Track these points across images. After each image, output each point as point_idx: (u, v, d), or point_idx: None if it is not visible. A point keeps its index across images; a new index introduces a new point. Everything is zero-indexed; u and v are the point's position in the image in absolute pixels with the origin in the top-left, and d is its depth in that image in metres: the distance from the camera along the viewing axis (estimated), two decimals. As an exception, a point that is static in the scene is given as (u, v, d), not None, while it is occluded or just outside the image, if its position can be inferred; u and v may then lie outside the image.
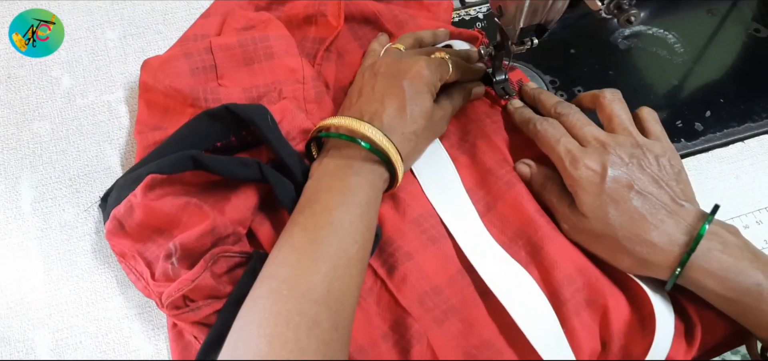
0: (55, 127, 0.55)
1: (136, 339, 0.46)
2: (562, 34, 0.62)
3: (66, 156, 0.53)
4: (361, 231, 0.42)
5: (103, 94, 0.57)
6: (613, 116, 0.48)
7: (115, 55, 0.59)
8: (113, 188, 0.47)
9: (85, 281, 0.47)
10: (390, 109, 0.46)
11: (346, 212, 0.42)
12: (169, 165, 0.44)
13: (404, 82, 0.47)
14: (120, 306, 0.47)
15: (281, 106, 0.49)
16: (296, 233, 0.41)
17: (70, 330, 0.46)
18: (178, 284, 0.41)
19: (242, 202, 0.46)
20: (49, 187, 0.52)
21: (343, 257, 0.40)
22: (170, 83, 0.51)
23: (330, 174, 0.44)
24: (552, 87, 0.58)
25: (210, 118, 0.47)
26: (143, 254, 0.44)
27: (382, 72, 0.49)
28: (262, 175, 0.45)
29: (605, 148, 0.46)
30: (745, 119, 0.57)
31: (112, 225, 0.44)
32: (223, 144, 0.48)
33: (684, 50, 0.61)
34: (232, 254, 0.43)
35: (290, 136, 0.48)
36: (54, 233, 0.49)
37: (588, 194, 0.45)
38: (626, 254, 0.44)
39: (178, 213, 0.43)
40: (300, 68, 0.53)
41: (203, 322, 0.43)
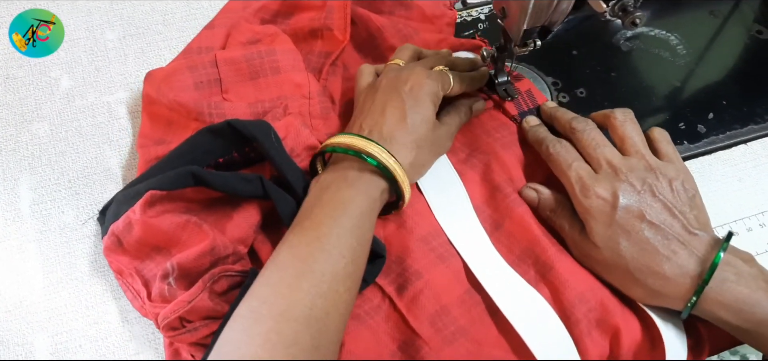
0: (54, 129, 0.54)
1: (136, 343, 0.45)
2: (564, 35, 0.61)
3: (65, 158, 0.53)
4: (350, 245, 0.41)
5: (103, 96, 0.56)
6: (625, 138, 0.47)
7: (115, 55, 0.59)
8: (112, 201, 0.46)
9: (85, 284, 0.47)
10: (390, 120, 0.46)
11: (335, 225, 0.41)
12: (169, 181, 0.43)
13: (404, 91, 0.47)
14: (120, 310, 0.46)
15: (286, 122, 0.49)
16: (283, 250, 0.40)
17: (70, 334, 0.45)
18: (175, 305, 0.41)
19: (244, 220, 0.45)
20: (48, 189, 0.51)
21: (328, 274, 0.39)
22: (174, 97, 0.51)
23: (324, 188, 0.44)
24: (554, 88, 0.58)
25: (212, 133, 0.47)
26: (141, 271, 0.44)
27: (383, 86, 0.48)
28: (264, 191, 0.44)
29: (617, 175, 0.45)
30: (748, 121, 0.57)
31: (110, 241, 0.44)
32: (225, 160, 0.47)
33: (686, 52, 0.61)
34: (233, 274, 0.43)
35: (294, 153, 0.48)
36: (53, 235, 0.49)
37: (598, 223, 0.44)
38: (638, 286, 0.43)
39: (176, 231, 0.43)
40: (306, 83, 0.53)
41: (201, 342, 0.42)
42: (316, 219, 0.41)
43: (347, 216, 0.41)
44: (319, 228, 0.40)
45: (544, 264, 0.46)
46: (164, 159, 0.47)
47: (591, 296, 0.45)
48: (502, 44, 0.52)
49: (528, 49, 0.48)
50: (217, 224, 0.45)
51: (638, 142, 0.47)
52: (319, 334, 0.37)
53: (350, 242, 0.41)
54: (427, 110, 0.47)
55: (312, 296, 0.38)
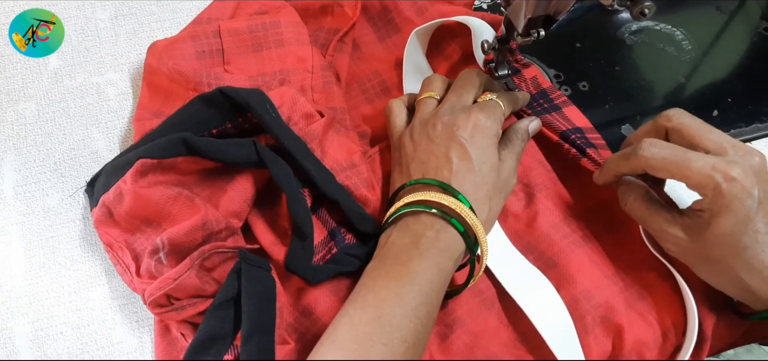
0: (41, 109, 0.53)
1: (120, 331, 0.44)
2: (567, 27, 0.60)
3: (51, 139, 0.51)
4: (413, 328, 0.37)
5: (92, 76, 0.55)
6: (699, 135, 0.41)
7: (106, 35, 0.57)
8: (101, 173, 0.45)
9: (68, 269, 0.46)
10: (458, 172, 0.42)
11: (400, 305, 0.37)
12: (159, 149, 0.42)
13: (464, 138, 0.43)
14: (103, 296, 0.45)
15: (280, 91, 0.47)
16: (341, 326, 0.37)
17: (51, 320, 0.44)
18: (160, 281, 0.39)
19: (238, 193, 0.44)
20: (33, 170, 0.50)
21: (386, 358, 0.36)
22: (174, 65, 0.49)
23: (393, 256, 0.40)
24: (556, 81, 0.57)
25: (204, 102, 0.45)
26: (131, 245, 0.42)
27: (437, 132, 0.44)
28: (258, 157, 0.43)
29: (748, 160, 0.39)
30: (753, 120, 0.56)
31: (100, 212, 0.42)
32: (219, 131, 0.45)
33: (691, 47, 0.60)
34: (225, 250, 0.41)
35: (292, 122, 0.46)
36: (36, 218, 0.48)
37: (732, 214, 0.38)
38: (736, 285, 0.40)
39: (167, 204, 0.41)
40: (309, 57, 0.51)
41: (190, 320, 0.41)
42: (379, 294, 0.38)
43: (414, 295, 0.38)
44: (381, 306, 0.37)
45: (548, 260, 0.45)
46: (155, 130, 0.46)
47: (596, 293, 0.44)
48: (503, 36, 0.50)
49: (531, 39, 0.47)
50: (210, 198, 0.43)
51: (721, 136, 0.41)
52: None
53: (414, 325, 0.37)
54: (493, 156, 0.44)
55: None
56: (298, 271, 0.42)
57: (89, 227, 0.47)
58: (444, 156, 0.43)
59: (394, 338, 0.36)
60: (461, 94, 0.47)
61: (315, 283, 0.43)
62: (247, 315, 0.38)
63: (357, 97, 0.55)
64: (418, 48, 0.56)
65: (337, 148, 0.47)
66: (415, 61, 0.56)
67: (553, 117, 0.51)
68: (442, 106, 0.46)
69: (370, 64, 0.56)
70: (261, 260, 0.42)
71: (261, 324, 0.39)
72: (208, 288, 0.40)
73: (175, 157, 0.42)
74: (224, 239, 0.42)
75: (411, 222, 0.41)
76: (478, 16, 0.55)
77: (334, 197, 0.44)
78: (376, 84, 0.56)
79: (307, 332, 0.43)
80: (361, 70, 0.56)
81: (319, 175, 0.44)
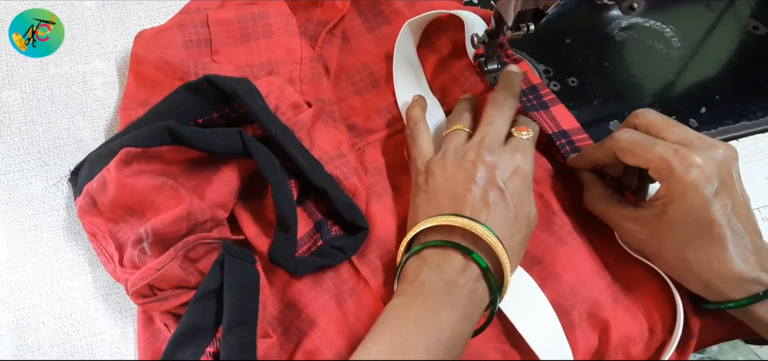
0: (26, 97, 0.52)
1: (102, 321, 0.43)
2: (557, 22, 0.60)
3: (36, 127, 0.51)
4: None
5: (78, 65, 0.54)
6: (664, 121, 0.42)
7: (93, 23, 0.56)
8: (85, 161, 0.44)
9: (51, 258, 0.45)
10: (495, 215, 0.40)
11: (427, 354, 0.36)
12: (143, 138, 0.41)
13: (503, 182, 0.41)
14: (86, 286, 0.44)
15: (267, 81, 0.46)
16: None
17: (33, 309, 0.43)
18: (143, 271, 0.39)
19: (224, 184, 0.43)
20: (17, 158, 0.49)
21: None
22: (161, 54, 0.49)
23: (423, 298, 0.38)
24: (546, 76, 0.57)
25: (190, 91, 0.45)
26: (115, 235, 0.42)
27: (478, 171, 0.42)
28: (243, 146, 0.42)
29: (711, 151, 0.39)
30: (741, 117, 0.56)
31: (84, 201, 0.42)
32: (205, 121, 0.45)
33: (681, 44, 0.60)
34: (210, 241, 0.41)
35: (280, 111, 0.46)
36: (20, 207, 0.47)
37: (688, 200, 0.39)
38: (690, 277, 0.41)
39: (151, 194, 0.41)
40: (298, 48, 0.51)
41: (173, 312, 0.41)
42: (407, 339, 0.36)
43: (442, 346, 0.37)
44: (408, 354, 0.36)
45: (533, 257, 0.45)
46: (141, 118, 0.45)
47: (582, 288, 0.44)
48: (493, 30, 0.50)
49: (521, 34, 0.46)
50: (195, 189, 0.43)
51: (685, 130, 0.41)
52: None
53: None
54: (529, 203, 0.42)
55: None
56: (281, 263, 0.41)
57: (73, 217, 0.47)
58: (482, 198, 0.41)
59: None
60: (498, 127, 0.45)
61: (298, 275, 0.42)
62: (228, 307, 0.38)
63: (346, 89, 0.55)
64: (409, 40, 0.56)
65: (326, 139, 0.47)
66: (405, 53, 0.55)
67: (541, 116, 0.51)
68: (483, 141, 0.44)
69: (359, 57, 0.56)
70: (245, 251, 0.41)
71: (243, 317, 0.38)
72: (192, 279, 0.40)
73: (160, 146, 0.42)
74: (209, 230, 0.42)
75: (443, 263, 0.40)
76: (469, 10, 0.55)
77: (322, 186, 0.43)
78: (365, 76, 0.55)
79: (291, 325, 0.42)
80: (350, 62, 0.55)
81: (306, 164, 0.43)
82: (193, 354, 0.38)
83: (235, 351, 0.37)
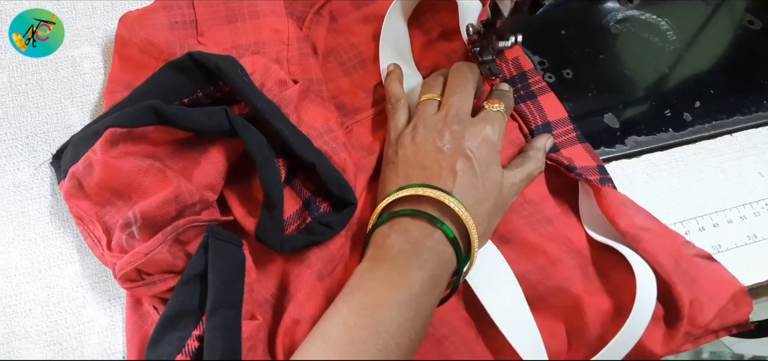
0: (13, 81, 0.51)
1: (90, 309, 0.43)
2: (553, 14, 0.59)
3: (23, 112, 0.50)
4: (408, 337, 0.37)
5: (67, 49, 0.53)
6: None
7: (82, 7, 0.55)
8: (68, 144, 0.44)
9: (38, 245, 0.45)
10: (462, 183, 0.41)
11: (397, 313, 0.37)
12: (128, 118, 0.41)
13: (470, 150, 0.42)
14: (74, 274, 0.44)
15: (252, 59, 0.46)
16: (334, 325, 0.37)
17: (19, 297, 0.43)
18: (131, 256, 0.38)
19: (212, 165, 0.43)
20: (4, 144, 0.48)
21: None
22: (146, 35, 0.48)
23: (391, 260, 0.39)
24: (541, 68, 0.56)
25: (174, 69, 0.44)
26: (102, 218, 0.41)
27: (445, 141, 0.43)
28: (230, 125, 0.42)
29: None
30: (735, 112, 0.56)
31: (70, 184, 0.41)
32: (190, 100, 0.44)
33: (676, 38, 0.60)
34: (200, 224, 0.41)
35: (266, 88, 0.45)
36: (7, 193, 0.46)
37: None
38: None
39: (138, 176, 0.40)
40: (285, 29, 0.50)
41: (161, 296, 0.40)
42: (376, 298, 0.37)
43: (412, 304, 0.37)
44: (378, 311, 0.37)
45: (501, 236, 0.46)
46: (125, 99, 0.44)
47: (550, 268, 0.45)
48: (489, 20, 0.50)
49: (509, 44, 0.47)
50: (183, 171, 0.42)
51: None
52: None
53: (409, 333, 0.37)
54: (497, 172, 0.43)
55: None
56: (267, 241, 0.41)
57: (61, 203, 0.46)
58: (449, 167, 0.42)
59: (389, 346, 0.36)
60: (464, 97, 0.46)
61: (284, 253, 0.42)
62: (212, 290, 0.38)
63: (333, 69, 0.54)
64: (399, 15, 0.55)
65: (313, 115, 0.46)
66: (394, 25, 0.55)
67: (527, 107, 0.51)
68: (449, 112, 0.45)
69: (346, 37, 0.55)
70: (231, 235, 0.41)
71: (227, 299, 0.38)
72: (180, 263, 0.40)
73: (145, 126, 0.41)
74: (198, 213, 0.41)
75: (410, 227, 0.41)
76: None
77: (310, 160, 0.43)
78: (353, 56, 0.55)
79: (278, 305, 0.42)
80: (337, 43, 0.55)
81: (294, 138, 0.43)
82: (180, 338, 0.38)
83: (219, 333, 0.37)
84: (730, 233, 0.50)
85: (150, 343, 0.38)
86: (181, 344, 0.38)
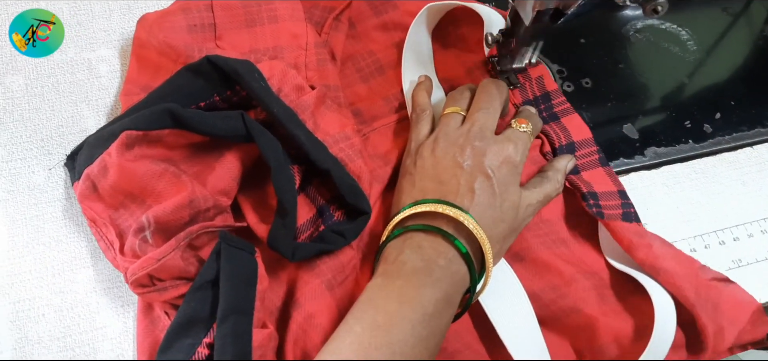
0: (30, 83, 0.51)
1: (104, 315, 0.43)
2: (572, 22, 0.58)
3: (39, 114, 0.50)
4: (421, 356, 0.36)
5: (84, 52, 0.53)
6: None
7: (99, 10, 0.55)
8: (83, 145, 0.43)
9: (52, 249, 0.44)
10: (480, 202, 0.40)
11: (411, 333, 0.36)
12: (144, 120, 0.40)
13: (490, 169, 0.41)
14: (88, 279, 0.44)
15: (270, 64, 0.46)
16: (348, 345, 0.36)
17: (33, 301, 0.42)
18: (143, 261, 0.38)
19: (227, 171, 0.42)
20: (19, 146, 0.48)
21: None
22: (164, 38, 0.48)
23: (404, 277, 0.38)
24: (559, 77, 0.56)
25: (192, 72, 0.44)
26: (115, 221, 0.41)
27: (465, 158, 0.42)
28: (245, 130, 0.41)
29: None
30: (755, 124, 0.55)
31: (84, 186, 0.41)
32: (206, 104, 0.44)
33: (696, 48, 0.59)
34: (214, 229, 0.40)
35: (283, 94, 0.45)
36: (21, 195, 0.46)
37: None
38: None
39: (152, 180, 0.40)
40: (304, 34, 0.50)
41: (173, 302, 0.40)
42: (391, 318, 0.36)
43: (426, 323, 0.37)
44: (392, 331, 0.36)
45: (515, 254, 0.45)
46: (141, 101, 0.44)
47: (564, 288, 0.44)
48: (508, 29, 0.49)
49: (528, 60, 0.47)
50: (198, 176, 0.42)
51: None
52: None
53: (422, 352, 0.37)
54: (516, 193, 0.42)
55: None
56: (279, 248, 0.40)
57: (75, 207, 0.46)
58: (467, 184, 0.41)
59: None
60: (489, 114, 0.45)
61: (296, 260, 0.41)
62: (223, 296, 0.37)
63: (351, 75, 0.54)
64: (424, 26, 0.55)
65: (330, 122, 0.46)
66: (418, 37, 0.54)
67: (551, 128, 0.51)
68: (472, 128, 0.44)
69: (365, 44, 0.55)
70: (244, 242, 0.41)
71: (238, 305, 0.38)
72: (192, 269, 0.39)
73: (161, 129, 0.41)
74: (212, 218, 0.41)
75: (424, 243, 0.40)
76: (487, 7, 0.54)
77: (325, 167, 0.42)
78: (371, 63, 0.54)
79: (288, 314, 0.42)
80: (355, 49, 0.54)
81: (309, 144, 0.42)
82: (191, 346, 0.37)
83: (229, 340, 0.36)
84: (751, 247, 0.49)
85: (160, 350, 0.38)
86: (192, 351, 0.37)
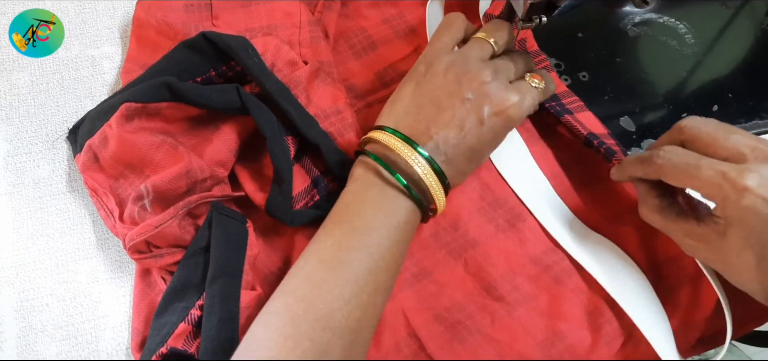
0: (35, 80, 0.52)
1: (106, 305, 0.44)
2: (569, 16, 0.59)
3: (44, 110, 0.51)
4: (395, 259, 0.39)
5: (88, 48, 0.54)
6: (714, 143, 0.38)
7: (104, 8, 0.56)
8: (84, 119, 0.45)
9: (56, 241, 0.45)
10: (460, 145, 0.40)
11: (386, 236, 0.38)
12: (143, 93, 0.42)
13: (485, 113, 0.41)
14: (90, 270, 0.45)
15: (264, 40, 0.47)
16: (328, 247, 0.38)
17: (37, 291, 0.43)
18: (141, 228, 0.40)
19: (224, 143, 0.44)
20: (25, 141, 0.49)
21: (371, 285, 0.37)
22: (162, 17, 0.50)
23: (379, 187, 0.40)
24: (557, 70, 0.56)
25: (189, 49, 0.46)
26: (115, 190, 0.43)
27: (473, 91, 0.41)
28: (241, 102, 0.43)
29: (764, 167, 0.36)
30: (753, 116, 0.55)
31: (86, 157, 0.43)
32: (203, 79, 0.46)
33: (694, 41, 0.59)
34: (212, 199, 0.42)
35: (276, 69, 0.46)
36: (26, 189, 0.47)
37: (750, 228, 0.36)
38: (761, 291, 0.37)
39: (151, 151, 0.42)
40: (297, 12, 0.51)
41: (168, 268, 0.42)
42: (367, 223, 0.38)
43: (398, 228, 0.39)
44: (370, 235, 0.38)
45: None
46: (140, 76, 0.46)
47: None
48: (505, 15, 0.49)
49: (533, 24, 0.46)
50: (195, 148, 0.44)
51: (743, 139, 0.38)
52: (350, 345, 0.36)
53: (396, 255, 0.39)
54: (497, 143, 0.43)
55: (351, 307, 0.36)
56: (277, 214, 0.42)
57: (79, 199, 0.47)
58: (459, 120, 0.40)
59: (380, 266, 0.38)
60: (514, 64, 0.44)
61: (294, 225, 0.43)
62: (214, 260, 0.39)
63: (344, 52, 0.55)
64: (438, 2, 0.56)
65: (323, 96, 0.47)
66: (435, 13, 0.55)
67: (567, 120, 0.50)
68: (498, 72, 0.42)
69: (356, 21, 0.56)
70: (236, 212, 0.43)
71: (227, 268, 0.39)
72: (188, 237, 0.41)
73: (160, 101, 0.42)
74: (209, 188, 0.43)
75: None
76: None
77: (315, 141, 0.44)
78: (363, 39, 0.55)
79: None
80: (347, 27, 0.55)
81: (300, 119, 0.44)
82: (184, 308, 0.39)
83: (218, 300, 0.38)
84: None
85: (156, 314, 0.40)
86: (185, 313, 0.39)
